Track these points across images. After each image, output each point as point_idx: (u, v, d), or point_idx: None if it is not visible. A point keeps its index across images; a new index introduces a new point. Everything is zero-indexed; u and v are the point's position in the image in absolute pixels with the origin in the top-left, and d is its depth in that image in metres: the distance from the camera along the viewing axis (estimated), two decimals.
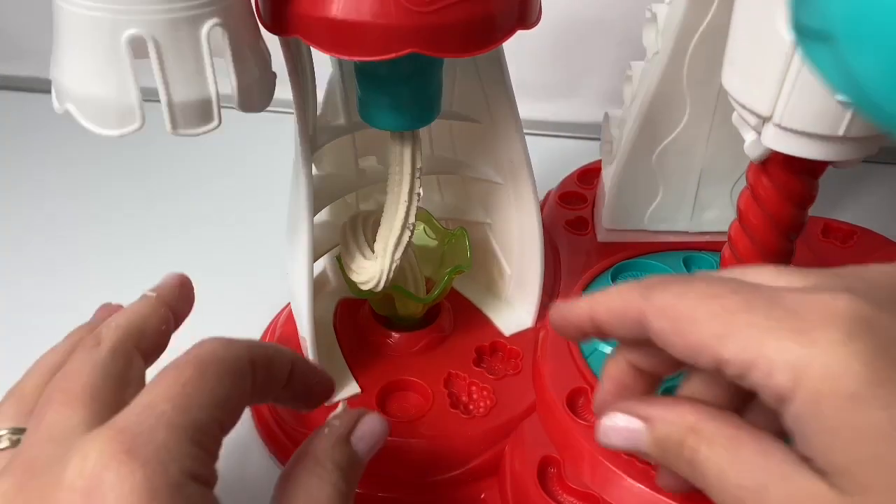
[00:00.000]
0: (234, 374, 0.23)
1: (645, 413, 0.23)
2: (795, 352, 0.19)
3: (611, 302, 0.23)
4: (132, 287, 0.47)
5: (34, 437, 0.21)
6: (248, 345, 0.24)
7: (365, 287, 0.33)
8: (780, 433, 0.20)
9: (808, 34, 0.16)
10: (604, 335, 0.24)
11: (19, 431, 0.24)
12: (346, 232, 0.34)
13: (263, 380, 0.24)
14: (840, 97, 0.23)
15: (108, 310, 0.31)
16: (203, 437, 0.21)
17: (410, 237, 0.33)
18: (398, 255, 0.32)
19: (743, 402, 0.23)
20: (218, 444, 0.22)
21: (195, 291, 0.31)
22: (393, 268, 0.32)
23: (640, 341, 0.23)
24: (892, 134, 0.15)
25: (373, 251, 0.33)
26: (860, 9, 0.14)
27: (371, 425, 0.26)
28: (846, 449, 0.18)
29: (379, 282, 0.33)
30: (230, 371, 0.23)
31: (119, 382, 0.24)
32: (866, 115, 0.16)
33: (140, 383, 0.25)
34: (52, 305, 0.46)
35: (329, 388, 0.28)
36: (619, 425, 0.24)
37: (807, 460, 0.19)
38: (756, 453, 0.20)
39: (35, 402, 0.24)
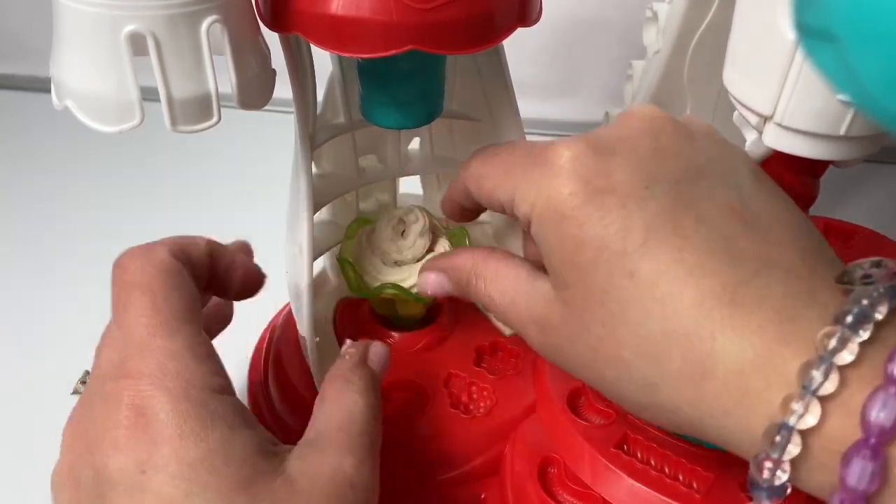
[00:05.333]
0: (183, 279, 0.26)
1: (443, 266, 0.30)
2: (532, 188, 0.24)
3: (454, 185, 0.31)
4: None
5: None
6: (170, 248, 0.27)
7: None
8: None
9: (812, 33, 0.16)
10: (465, 207, 0.31)
11: None
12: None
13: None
14: (843, 97, 0.23)
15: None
16: (198, 347, 0.25)
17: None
18: None
19: None
20: (207, 341, 0.26)
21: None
22: None
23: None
24: (895, 133, 0.15)
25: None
26: (864, 8, 0.14)
27: (378, 349, 0.31)
28: (555, 255, 0.24)
29: None
30: (181, 280, 0.26)
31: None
32: (870, 114, 0.15)
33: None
34: (50, 303, 0.46)
35: (254, 277, 0.32)
36: (431, 279, 0.30)
37: (545, 270, 0.25)
38: (510, 279, 0.27)
39: None
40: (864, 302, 0.20)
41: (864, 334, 0.19)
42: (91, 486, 0.23)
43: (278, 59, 0.28)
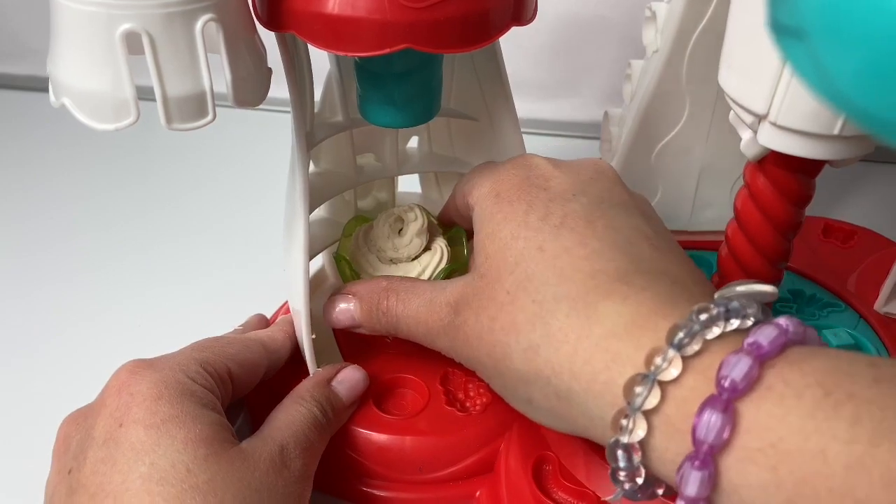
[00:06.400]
0: (244, 343, 0.32)
1: (354, 290, 0.32)
2: (486, 176, 0.29)
3: (451, 195, 0.34)
4: (129, 286, 0.47)
5: None
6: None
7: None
8: None
9: (784, 31, 0.16)
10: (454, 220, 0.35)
11: None
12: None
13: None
14: (816, 94, 0.23)
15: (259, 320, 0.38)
16: (209, 367, 0.29)
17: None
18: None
19: None
20: (225, 377, 0.30)
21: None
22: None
23: None
24: (872, 134, 0.15)
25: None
26: (832, 5, 0.14)
27: (350, 372, 0.33)
28: (484, 228, 0.28)
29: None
30: (243, 340, 0.32)
31: None
32: (842, 112, 0.15)
33: None
34: (49, 302, 0.46)
35: None
36: (339, 308, 0.32)
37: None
38: (425, 286, 0.30)
39: None
40: (735, 303, 0.22)
41: (735, 323, 0.22)
42: (77, 449, 0.26)
43: (276, 58, 0.28)
